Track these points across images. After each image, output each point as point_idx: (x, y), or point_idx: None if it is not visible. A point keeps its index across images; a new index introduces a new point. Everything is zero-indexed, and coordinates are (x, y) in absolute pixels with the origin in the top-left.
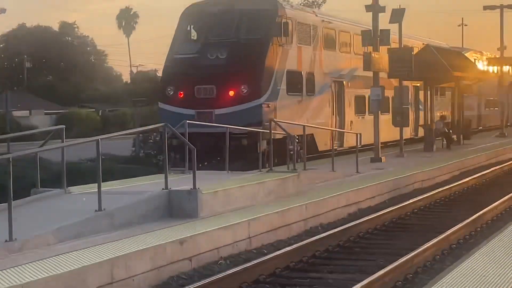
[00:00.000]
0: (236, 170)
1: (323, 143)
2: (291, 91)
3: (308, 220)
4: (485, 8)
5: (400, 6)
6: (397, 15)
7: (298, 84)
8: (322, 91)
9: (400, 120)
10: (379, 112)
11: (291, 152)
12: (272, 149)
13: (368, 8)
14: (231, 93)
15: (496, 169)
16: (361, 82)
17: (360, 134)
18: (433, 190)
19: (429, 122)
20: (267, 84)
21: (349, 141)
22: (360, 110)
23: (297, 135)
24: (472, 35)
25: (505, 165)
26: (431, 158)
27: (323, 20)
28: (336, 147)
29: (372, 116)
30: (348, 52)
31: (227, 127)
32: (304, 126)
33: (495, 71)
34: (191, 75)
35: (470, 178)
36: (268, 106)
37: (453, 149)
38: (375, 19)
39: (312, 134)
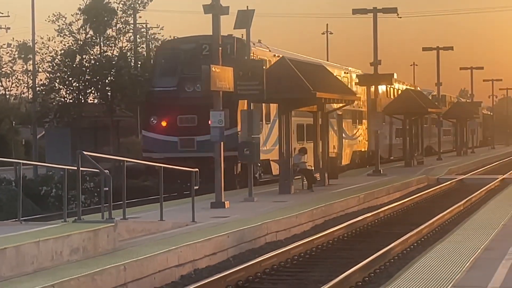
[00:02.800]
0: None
1: (276, 167)
2: None
3: (128, 285)
4: (354, 12)
5: (248, 7)
6: (244, 19)
7: (260, 113)
8: (275, 120)
9: (248, 155)
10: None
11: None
12: (80, 188)
13: (207, 9)
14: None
15: (368, 217)
16: (301, 110)
17: (198, 171)
18: (290, 243)
19: (285, 156)
20: None
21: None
22: (300, 137)
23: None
24: (339, 46)
25: (379, 211)
26: (288, 203)
27: (274, 55)
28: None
29: (312, 143)
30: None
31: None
32: (124, 160)
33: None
34: (173, 106)
35: (336, 228)
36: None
37: (316, 191)
38: (215, 23)
39: (269, 159)
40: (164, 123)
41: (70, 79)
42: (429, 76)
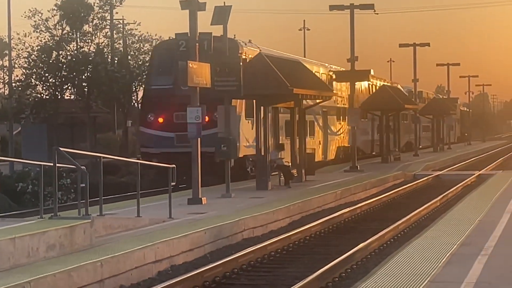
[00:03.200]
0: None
1: None
2: (247, 116)
3: (105, 282)
4: (331, 8)
5: (225, 3)
6: (221, 15)
7: (251, 110)
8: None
9: (226, 151)
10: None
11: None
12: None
13: (184, 5)
14: (206, 118)
15: (345, 213)
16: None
17: (175, 167)
18: (267, 239)
19: (262, 153)
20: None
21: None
22: (288, 133)
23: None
24: (316, 42)
25: (356, 207)
26: (265, 199)
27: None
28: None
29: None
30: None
31: None
32: (100, 156)
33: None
34: (170, 103)
35: (313, 224)
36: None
37: (293, 187)
38: (192, 19)
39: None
40: (161, 120)
41: (47, 75)
42: (406, 72)
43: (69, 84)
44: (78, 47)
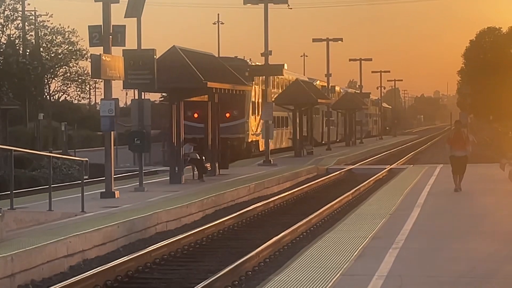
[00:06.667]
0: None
1: (262, 145)
2: (252, 114)
3: (16, 276)
4: (245, 2)
5: None
6: (135, 7)
7: (255, 109)
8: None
9: (139, 145)
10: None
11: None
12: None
13: None
14: (228, 114)
15: (258, 206)
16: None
17: (87, 160)
18: (181, 233)
19: (175, 146)
20: (247, 109)
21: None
22: (278, 125)
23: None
24: (231, 36)
25: (270, 201)
26: (179, 193)
27: None
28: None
29: (280, 130)
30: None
31: None
32: (11, 150)
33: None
34: (201, 102)
35: (227, 217)
36: (247, 122)
37: (206, 181)
38: (105, 11)
39: (258, 140)
40: (196, 115)
41: None
42: (319, 67)
43: None
44: None
